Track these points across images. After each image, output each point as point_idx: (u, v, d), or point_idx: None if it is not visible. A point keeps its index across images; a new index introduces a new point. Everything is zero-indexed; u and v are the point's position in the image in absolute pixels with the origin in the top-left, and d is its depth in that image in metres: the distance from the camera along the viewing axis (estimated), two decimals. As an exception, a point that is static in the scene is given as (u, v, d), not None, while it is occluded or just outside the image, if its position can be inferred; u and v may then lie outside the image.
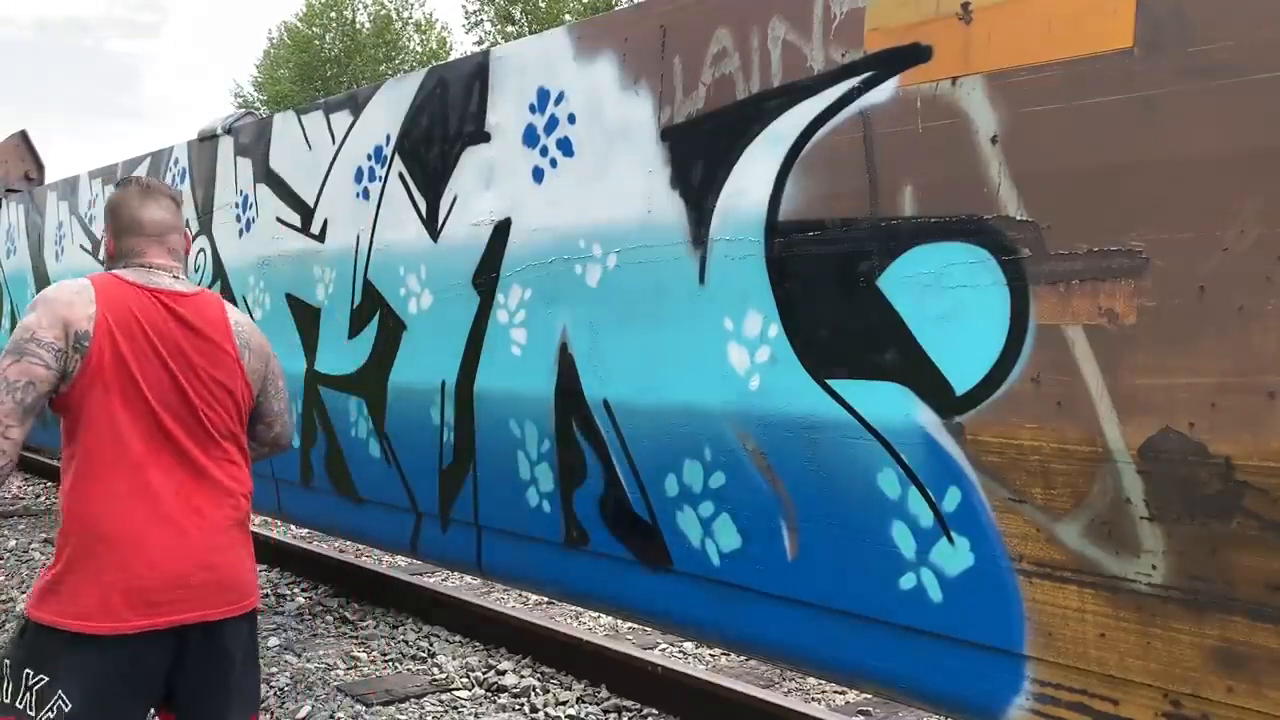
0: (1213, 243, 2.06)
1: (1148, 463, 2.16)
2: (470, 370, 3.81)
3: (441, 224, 3.95)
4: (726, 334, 2.93)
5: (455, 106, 3.90)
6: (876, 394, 2.60)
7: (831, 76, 2.69)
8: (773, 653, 3.15)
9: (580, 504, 3.49)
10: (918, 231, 2.51)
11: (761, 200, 2.84)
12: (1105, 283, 2.20)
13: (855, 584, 2.75)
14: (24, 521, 8.23)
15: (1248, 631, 2.09)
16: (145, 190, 2.56)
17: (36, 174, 11.56)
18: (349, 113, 4.49)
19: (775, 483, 2.87)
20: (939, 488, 2.52)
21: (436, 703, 4.36)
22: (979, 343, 2.41)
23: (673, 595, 3.28)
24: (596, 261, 3.31)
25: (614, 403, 3.27)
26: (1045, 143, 2.29)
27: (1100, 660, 2.31)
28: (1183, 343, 2.10)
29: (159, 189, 2.59)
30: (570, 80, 3.44)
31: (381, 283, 4.24)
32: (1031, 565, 2.38)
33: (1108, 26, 2.20)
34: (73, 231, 7.42)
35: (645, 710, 4.27)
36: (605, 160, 3.30)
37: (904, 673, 2.73)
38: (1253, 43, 2.02)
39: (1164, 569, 2.18)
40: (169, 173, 6.12)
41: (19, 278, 8.38)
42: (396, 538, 4.48)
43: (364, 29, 43.14)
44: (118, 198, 2.56)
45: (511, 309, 3.64)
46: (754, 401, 2.87)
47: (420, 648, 5.07)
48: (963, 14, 2.43)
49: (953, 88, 2.45)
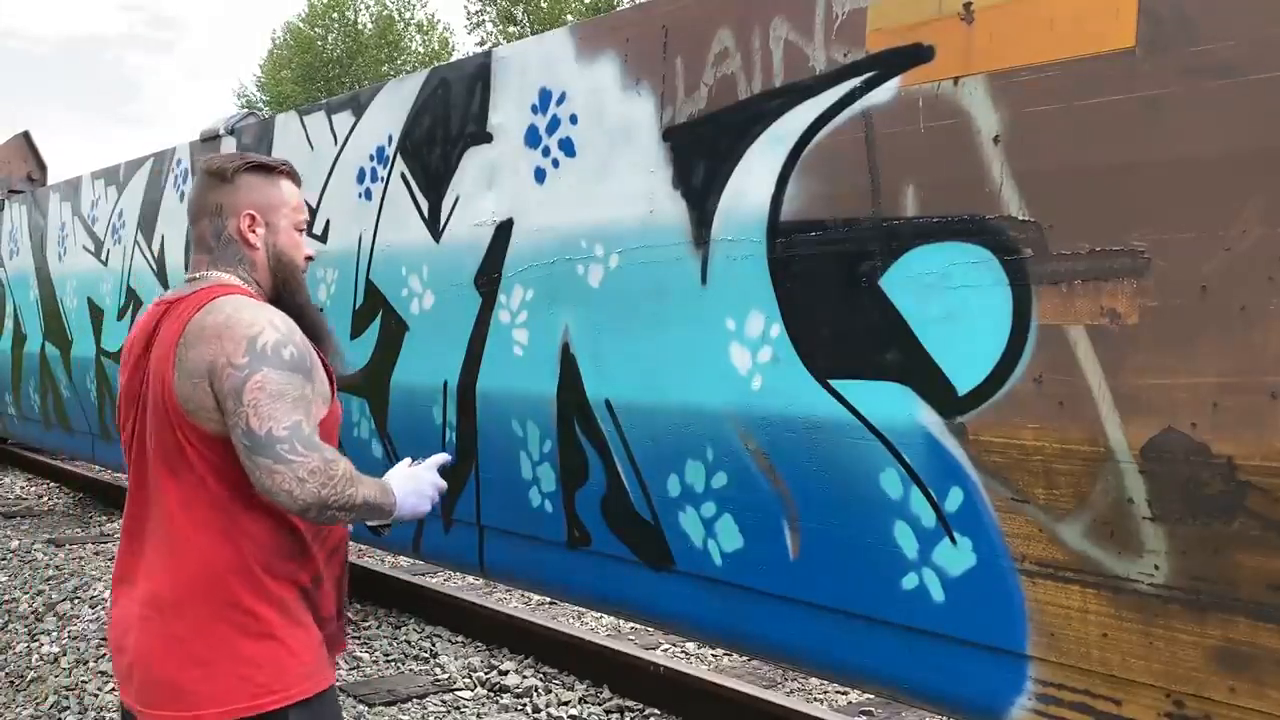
0: (1215, 242, 2.05)
1: (1150, 463, 2.16)
2: (472, 371, 3.81)
3: (444, 224, 3.95)
4: (728, 334, 2.93)
5: (457, 107, 3.91)
6: (879, 394, 2.60)
7: (833, 77, 2.69)
8: (775, 653, 3.16)
9: (582, 504, 3.49)
10: (920, 232, 2.51)
11: (763, 200, 2.84)
12: (1107, 283, 2.20)
13: (857, 584, 2.75)
14: (27, 522, 8.24)
15: (1250, 632, 2.09)
16: (197, 173, 2.18)
17: (39, 175, 11.57)
18: (351, 113, 4.49)
19: (777, 483, 2.87)
20: (941, 488, 2.51)
21: (439, 703, 4.36)
22: (981, 343, 2.40)
23: (675, 595, 3.28)
24: (598, 262, 3.31)
25: (616, 403, 3.27)
26: (1047, 143, 2.29)
27: (1103, 660, 2.31)
28: (1185, 343, 2.10)
29: (202, 164, 2.19)
30: (572, 81, 3.44)
31: (384, 283, 4.24)
32: (1034, 565, 2.38)
33: (1110, 26, 2.20)
34: (75, 232, 7.43)
35: (648, 710, 4.27)
36: (607, 160, 3.30)
37: (906, 673, 2.73)
38: (1255, 42, 2.01)
39: (1166, 569, 2.18)
40: (171, 174, 6.13)
41: (22, 279, 8.39)
42: (399, 538, 4.48)
43: (366, 30, 43.17)
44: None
45: (513, 309, 3.64)
46: (756, 401, 2.87)
47: (423, 648, 5.08)
48: (964, 14, 2.43)
49: (955, 88, 2.44)
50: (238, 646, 1.95)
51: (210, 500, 1.95)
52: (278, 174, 2.18)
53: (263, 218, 2.13)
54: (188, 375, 1.92)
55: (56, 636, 5.23)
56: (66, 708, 4.32)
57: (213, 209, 2.11)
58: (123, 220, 6.71)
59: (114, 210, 6.84)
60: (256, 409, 1.88)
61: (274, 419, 1.89)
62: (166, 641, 1.95)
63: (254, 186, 2.13)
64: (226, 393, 1.89)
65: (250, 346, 1.91)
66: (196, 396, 1.92)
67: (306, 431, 1.93)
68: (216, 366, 1.90)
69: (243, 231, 2.11)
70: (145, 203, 6.41)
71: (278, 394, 1.91)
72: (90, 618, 5.50)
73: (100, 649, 4.97)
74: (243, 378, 1.89)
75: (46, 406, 8.07)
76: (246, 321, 1.95)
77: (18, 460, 10.95)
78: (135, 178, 6.58)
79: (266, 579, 1.99)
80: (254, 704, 1.94)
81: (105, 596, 5.84)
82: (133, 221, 6.56)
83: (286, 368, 1.94)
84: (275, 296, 2.16)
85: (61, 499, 9.27)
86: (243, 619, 1.96)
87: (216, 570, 1.95)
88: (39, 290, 8.02)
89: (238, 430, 1.89)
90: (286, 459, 1.88)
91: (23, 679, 4.73)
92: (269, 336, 1.94)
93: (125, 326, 6.56)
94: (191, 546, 1.96)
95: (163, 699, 1.95)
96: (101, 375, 6.92)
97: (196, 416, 1.93)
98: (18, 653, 5.05)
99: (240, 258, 2.12)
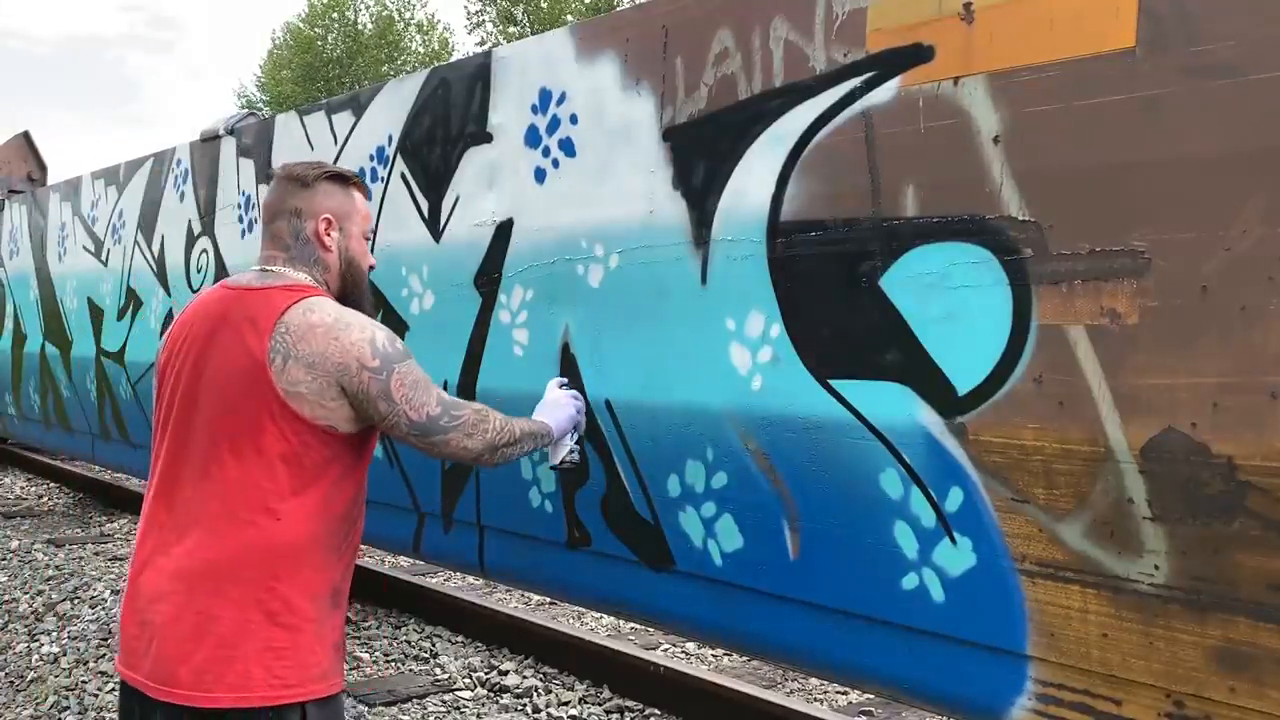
0: (1215, 242, 2.05)
1: (1150, 463, 2.16)
2: (472, 371, 3.81)
3: (443, 224, 3.95)
4: (728, 334, 2.93)
5: (457, 107, 3.91)
6: (879, 394, 2.60)
7: (833, 77, 2.69)
8: (775, 653, 3.15)
9: (582, 504, 3.49)
10: (920, 232, 2.51)
11: (763, 200, 2.84)
12: (1108, 283, 2.20)
13: (857, 584, 2.75)
14: (27, 522, 8.24)
15: (1250, 632, 2.09)
16: (275, 178, 2.33)
17: (39, 175, 11.58)
18: (351, 113, 4.49)
19: (777, 483, 2.87)
20: (941, 488, 2.51)
21: (439, 703, 4.36)
22: (981, 343, 2.40)
23: (675, 595, 3.28)
24: (598, 262, 3.31)
25: (616, 403, 3.27)
26: (1047, 143, 2.29)
27: (1103, 660, 2.31)
28: (1185, 343, 2.10)
29: (280, 169, 2.34)
30: (572, 81, 3.44)
31: (383, 283, 4.24)
32: (1034, 565, 2.38)
33: (1110, 26, 2.20)
34: (75, 232, 7.43)
35: (648, 711, 4.27)
36: (607, 160, 3.30)
37: (906, 673, 2.73)
38: (1255, 42, 2.01)
39: (1166, 569, 2.18)
40: (171, 174, 6.12)
41: (21, 279, 8.39)
42: (399, 538, 4.48)
43: (366, 30, 43.19)
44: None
45: (513, 309, 3.64)
46: (756, 401, 2.87)
47: (423, 648, 5.08)
48: (965, 14, 2.43)
49: (955, 88, 2.44)
50: (267, 634, 2.00)
51: (272, 483, 2.03)
52: (351, 184, 2.36)
53: (338, 222, 2.29)
54: (306, 366, 2.06)
55: (56, 636, 5.23)
56: (66, 708, 4.32)
57: (291, 211, 2.26)
58: (123, 220, 6.71)
59: (114, 210, 6.84)
60: (410, 402, 2.17)
61: (425, 404, 2.20)
62: (197, 618, 1.98)
63: (331, 193, 2.30)
64: (374, 396, 2.12)
65: (374, 349, 2.13)
66: (315, 386, 2.06)
67: (448, 399, 2.27)
68: (349, 370, 2.09)
69: (320, 234, 2.26)
70: (145, 203, 6.41)
71: (414, 383, 2.18)
72: (90, 618, 5.49)
73: (100, 649, 4.97)
74: (384, 380, 2.13)
75: (46, 406, 8.07)
76: (356, 324, 2.15)
77: (18, 460, 10.95)
78: (135, 178, 6.58)
79: (308, 570, 2.06)
80: (271, 695, 1.99)
81: (106, 596, 5.84)
82: (133, 221, 6.56)
83: (405, 357, 2.19)
84: (340, 298, 2.30)
85: (61, 499, 9.26)
86: (277, 606, 2.01)
87: (263, 553, 2.02)
88: (39, 290, 8.02)
89: (400, 427, 2.18)
90: (450, 429, 2.25)
91: (23, 679, 4.73)
92: (381, 336, 2.16)
93: (125, 326, 6.56)
94: (243, 527, 2.01)
95: (181, 678, 1.97)
96: (101, 375, 6.92)
97: (302, 404, 2.06)
98: (18, 653, 5.05)
99: (315, 259, 2.27)
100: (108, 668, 4.71)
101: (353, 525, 2.23)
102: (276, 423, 2.04)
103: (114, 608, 5.61)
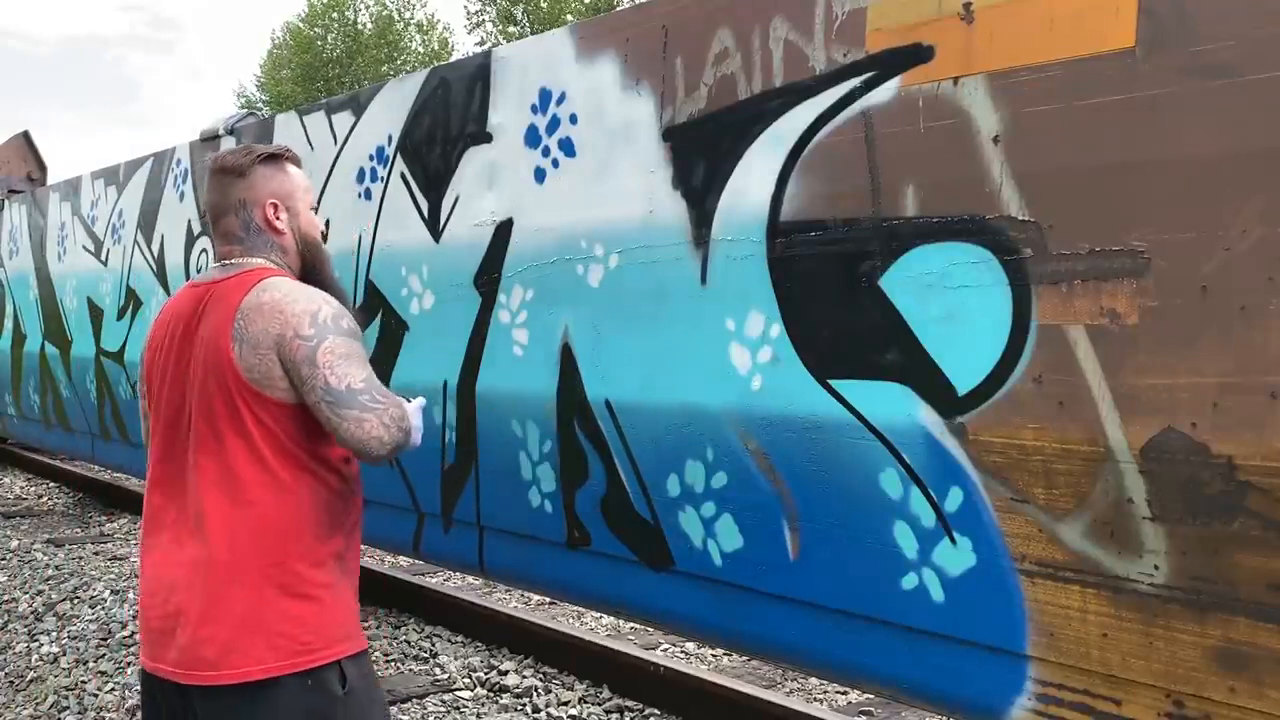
0: (1215, 243, 2.05)
1: (1150, 463, 2.16)
2: (472, 371, 3.81)
3: (443, 224, 3.95)
4: (728, 334, 2.93)
5: (457, 107, 3.91)
6: (878, 394, 2.60)
7: (833, 77, 2.69)
8: (774, 653, 3.15)
9: (582, 504, 3.49)
10: (920, 231, 2.51)
11: (763, 200, 2.84)
12: (1107, 283, 2.20)
13: (857, 584, 2.75)
14: (27, 522, 8.23)
15: (1250, 632, 2.09)
16: (209, 173, 2.30)
17: (39, 175, 11.58)
18: (351, 113, 4.49)
19: (777, 483, 2.87)
20: (941, 488, 2.51)
21: (439, 703, 4.36)
22: (981, 343, 2.40)
23: (675, 595, 3.28)
24: (598, 262, 3.31)
25: (616, 403, 3.27)
26: (1047, 143, 2.29)
27: (1102, 660, 2.31)
28: (1185, 343, 2.10)
29: (213, 164, 2.31)
30: (572, 81, 3.44)
31: (383, 283, 4.24)
32: (1034, 565, 2.38)
33: (1109, 26, 2.20)
34: (75, 232, 7.43)
35: (647, 710, 4.27)
36: (607, 160, 3.30)
37: (906, 673, 2.73)
38: (1255, 42, 2.01)
39: (1166, 569, 2.18)
40: (171, 174, 6.12)
41: (21, 279, 8.39)
42: (399, 538, 4.48)
43: (366, 30, 43.18)
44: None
45: (513, 309, 3.64)
46: (756, 401, 2.87)
47: (422, 648, 5.07)
48: (964, 14, 2.43)
49: (954, 88, 2.44)
50: (285, 605, 2.06)
51: (261, 466, 2.08)
52: (284, 160, 2.34)
53: (284, 204, 2.28)
54: (252, 346, 2.07)
55: (56, 636, 5.23)
56: (66, 708, 4.32)
57: (236, 204, 2.24)
58: (122, 220, 6.71)
59: (114, 210, 6.84)
60: (332, 369, 2.07)
61: (350, 375, 2.09)
62: (218, 602, 2.04)
63: (270, 176, 2.29)
64: (299, 361, 2.06)
65: (313, 320, 2.09)
66: (262, 366, 2.06)
67: (380, 385, 2.16)
68: (284, 339, 2.06)
69: (270, 220, 2.25)
70: (145, 203, 6.41)
71: (346, 355, 2.11)
72: (90, 618, 5.49)
73: (100, 649, 4.97)
74: (312, 346, 2.07)
75: (46, 406, 8.07)
76: (304, 298, 2.12)
77: (18, 460, 10.95)
78: (135, 178, 6.58)
79: (313, 542, 2.12)
80: (298, 660, 2.05)
81: (105, 596, 5.84)
82: (132, 221, 6.56)
83: (347, 335, 2.14)
84: (303, 276, 2.30)
85: (61, 499, 9.26)
86: (289, 579, 2.07)
87: (267, 532, 2.07)
88: (39, 290, 8.02)
89: (316, 390, 2.06)
90: (371, 407, 2.09)
91: (22, 679, 4.72)
92: (327, 311, 2.12)
93: (125, 326, 6.56)
94: (244, 511, 2.07)
95: (210, 660, 2.02)
96: (101, 375, 6.92)
97: (261, 385, 2.07)
98: (17, 653, 5.05)
99: (271, 244, 2.26)
100: (107, 667, 4.71)
101: (350, 496, 2.25)
102: (250, 408, 2.08)
103: (114, 608, 5.61)
